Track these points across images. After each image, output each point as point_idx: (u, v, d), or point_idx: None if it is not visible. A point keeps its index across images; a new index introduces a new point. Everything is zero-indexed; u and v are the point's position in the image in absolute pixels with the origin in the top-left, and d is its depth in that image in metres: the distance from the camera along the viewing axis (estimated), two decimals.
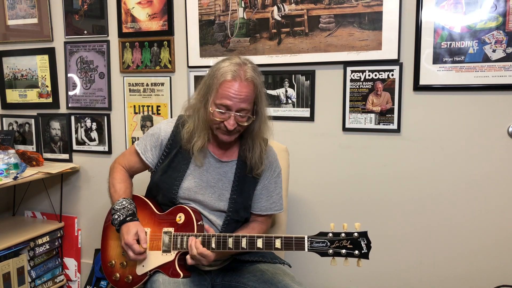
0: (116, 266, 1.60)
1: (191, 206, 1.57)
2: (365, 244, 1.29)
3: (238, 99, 1.43)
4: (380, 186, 2.08)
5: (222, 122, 1.47)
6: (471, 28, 1.86)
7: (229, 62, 1.47)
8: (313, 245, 1.31)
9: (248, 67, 1.46)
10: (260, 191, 1.63)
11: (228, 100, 1.43)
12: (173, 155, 1.59)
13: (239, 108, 1.44)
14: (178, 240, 1.50)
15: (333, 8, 2.04)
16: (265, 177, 1.63)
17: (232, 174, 1.59)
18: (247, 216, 1.65)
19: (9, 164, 2.26)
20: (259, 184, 1.62)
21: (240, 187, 1.59)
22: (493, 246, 1.94)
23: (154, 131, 1.64)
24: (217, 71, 1.46)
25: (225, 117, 1.46)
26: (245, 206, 1.60)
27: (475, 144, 1.92)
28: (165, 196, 1.59)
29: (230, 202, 1.57)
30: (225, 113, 1.45)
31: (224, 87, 1.43)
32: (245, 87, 1.43)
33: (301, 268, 2.19)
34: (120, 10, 2.44)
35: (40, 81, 2.68)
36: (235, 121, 1.45)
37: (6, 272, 2.33)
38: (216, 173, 1.59)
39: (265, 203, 1.64)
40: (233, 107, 1.44)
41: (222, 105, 1.44)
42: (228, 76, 1.43)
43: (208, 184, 1.58)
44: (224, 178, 1.59)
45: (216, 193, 1.58)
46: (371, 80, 2.03)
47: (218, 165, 1.59)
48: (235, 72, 1.43)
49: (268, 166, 1.63)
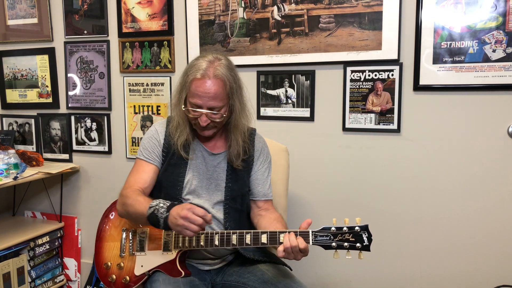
0: (112, 268, 1.59)
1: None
2: (366, 237, 1.35)
3: (207, 97, 1.45)
4: (380, 186, 2.08)
5: (196, 118, 1.50)
6: (471, 28, 1.86)
7: (202, 59, 1.49)
8: (317, 239, 1.36)
9: (219, 64, 1.47)
10: (255, 176, 1.66)
11: (197, 99, 1.46)
12: (171, 154, 1.60)
13: (209, 106, 1.47)
14: (180, 238, 1.50)
15: (333, 8, 2.04)
16: (258, 162, 1.66)
17: (225, 164, 1.62)
18: (246, 203, 1.66)
19: (9, 164, 2.26)
20: (253, 169, 1.66)
21: (234, 175, 1.61)
22: (493, 246, 1.94)
23: (150, 134, 1.65)
24: (189, 69, 1.49)
25: (198, 114, 1.49)
26: (242, 193, 1.63)
27: (475, 144, 1.92)
28: (168, 194, 1.59)
29: (226, 190, 1.59)
30: (197, 110, 1.48)
31: (194, 85, 1.46)
32: (213, 85, 1.45)
33: (301, 268, 2.19)
34: (120, 10, 2.44)
35: (40, 81, 2.68)
36: (207, 118, 1.48)
37: (6, 272, 2.33)
38: (210, 165, 1.61)
39: (262, 188, 1.67)
40: (203, 105, 1.47)
41: (193, 104, 1.48)
42: (198, 74, 1.46)
43: (205, 177, 1.60)
44: (218, 169, 1.61)
45: (213, 184, 1.60)
46: (371, 80, 2.03)
47: (212, 157, 1.62)
48: (204, 70, 1.45)
49: (259, 153, 1.66)
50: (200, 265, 1.62)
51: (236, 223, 1.60)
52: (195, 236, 1.47)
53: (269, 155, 1.72)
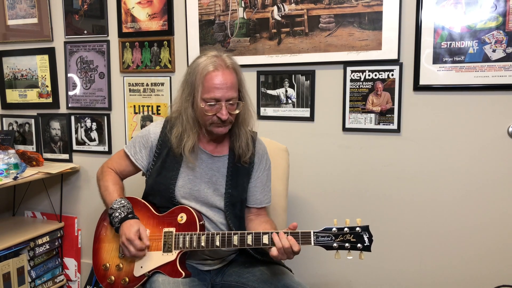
0: (111, 269, 1.58)
1: (192, 207, 1.57)
2: (367, 237, 1.36)
3: (225, 88, 1.45)
4: (380, 186, 2.08)
5: (214, 115, 1.48)
6: (471, 28, 1.86)
7: (206, 56, 1.50)
8: (319, 239, 1.37)
9: (225, 56, 1.50)
10: (254, 184, 1.64)
11: (215, 92, 1.45)
12: (165, 156, 1.59)
13: (228, 97, 1.47)
14: (180, 239, 1.50)
15: (333, 8, 2.04)
16: (258, 170, 1.65)
17: (225, 169, 1.60)
18: (244, 210, 1.65)
19: (9, 164, 2.26)
20: (252, 176, 1.64)
21: (234, 180, 1.60)
22: (493, 246, 1.94)
23: (143, 134, 1.65)
24: (197, 67, 1.49)
25: (217, 108, 1.47)
26: (241, 200, 1.61)
27: (475, 144, 1.92)
28: (163, 197, 1.59)
29: (226, 197, 1.58)
30: (215, 105, 1.47)
31: (209, 79, 1.45)
32: (228, 75, 1.47)
33: (301, 268, 2.19)
34: (120, 10, 2.44)
35: (40, 81, 2.68)
36: (227, 110, 1.47)
37: (6, 272, 2.33)
38: (209, 169, 1.60)
39: (260, 195, 1.66)
40: (221, 98, 1.46)
41: (211, 98, 1.46)
42: (210, 67, 1.46)
43: (202, 180, 1.59)
44: (217, 173, 1.60)
45: (211, 188, 1.59)
46: (371, 80, 2.03)
47: (211, 160, 1.60)
48: (215, 62, 1.46)
49: (259, 159, 1.65)
50: (200, 266, 1.62)
51: (237, 230, 1.58)
52: (196, 237, 1.48)
53: (269, 160, 1.70)
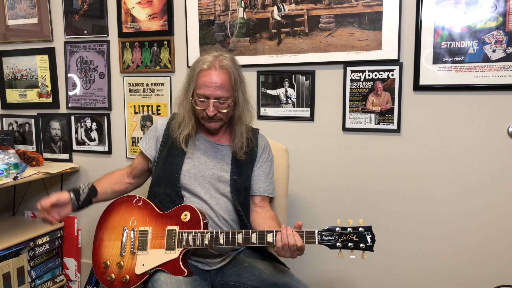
0: (112, 267, 1.58)
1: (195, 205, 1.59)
2: (370, 237, 1.39)
3: (214, 87, 1.53)
4: (380, 186, 2.08)
5: (204, 110, 1.57)
6: (471, 28, 1.86)
7: (207, 54, 1.60)
8: (323, 238, 1.40)
9: (224, 57, 1.58)
10: (257, 172, 1.70)
11: (205, 89, 1.54)
12: (170, 144, 1.67)
13: (216, 96, 1.55)
14: (184, 237, 1.51)
15: (333, 8, 2.04)
16: (261, 159, 1.71)
17: (229, 158, 1.67)
18: (248, 198, 1.68)
19: (9, 164, 2.26)
20: (255, 165, 1.70)
21: (239, 168, 1.66)
22: (493, 245, 1.94)
23: (153, 126, 1.78)
24: (196, 64, 1.59)
25: (206, 105, 1.56)
26: (245, 187, 1.66)
27: (475, 144, 1.92)
28: (167, 184, 1.63)
29: (231, 183, 1.63)
30: (205, 101, 1.56)
31: (201, 76, 1.55)
32: (220, 75, 1.54)
33: (301, 268, 2.19)
34: (120, 10, 2.44)
35: (40, 81, 2.68)
36: (214, 107, 1.55)
37: (6, 272, 2.33)
38: (213, 156, 1.66)
39: (263, 184, 1.70)
40: (210, 95, 1.54)
41: (201, 95, 1.56)
42: (204, 65, 1.55)
43: (207, 167, 1.64)
44: (222, 161, 1.66)
45: (216, 174, 1.64)
46: (371, 80, 2.04)
47: (215, 149, 1.68)
48: (210, 62, 1.55)
49: (262, 150, 1.72)
50: (200, 265, 1.62)
51: (244, 216, 1.63)
52: (200, 235, 1.49)
53: (271, 153, 1.77)
